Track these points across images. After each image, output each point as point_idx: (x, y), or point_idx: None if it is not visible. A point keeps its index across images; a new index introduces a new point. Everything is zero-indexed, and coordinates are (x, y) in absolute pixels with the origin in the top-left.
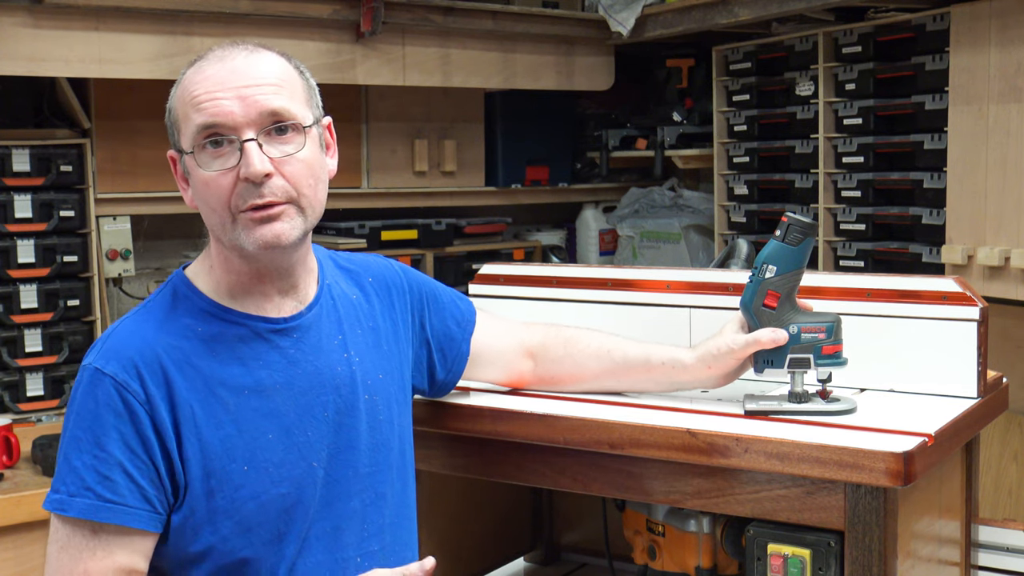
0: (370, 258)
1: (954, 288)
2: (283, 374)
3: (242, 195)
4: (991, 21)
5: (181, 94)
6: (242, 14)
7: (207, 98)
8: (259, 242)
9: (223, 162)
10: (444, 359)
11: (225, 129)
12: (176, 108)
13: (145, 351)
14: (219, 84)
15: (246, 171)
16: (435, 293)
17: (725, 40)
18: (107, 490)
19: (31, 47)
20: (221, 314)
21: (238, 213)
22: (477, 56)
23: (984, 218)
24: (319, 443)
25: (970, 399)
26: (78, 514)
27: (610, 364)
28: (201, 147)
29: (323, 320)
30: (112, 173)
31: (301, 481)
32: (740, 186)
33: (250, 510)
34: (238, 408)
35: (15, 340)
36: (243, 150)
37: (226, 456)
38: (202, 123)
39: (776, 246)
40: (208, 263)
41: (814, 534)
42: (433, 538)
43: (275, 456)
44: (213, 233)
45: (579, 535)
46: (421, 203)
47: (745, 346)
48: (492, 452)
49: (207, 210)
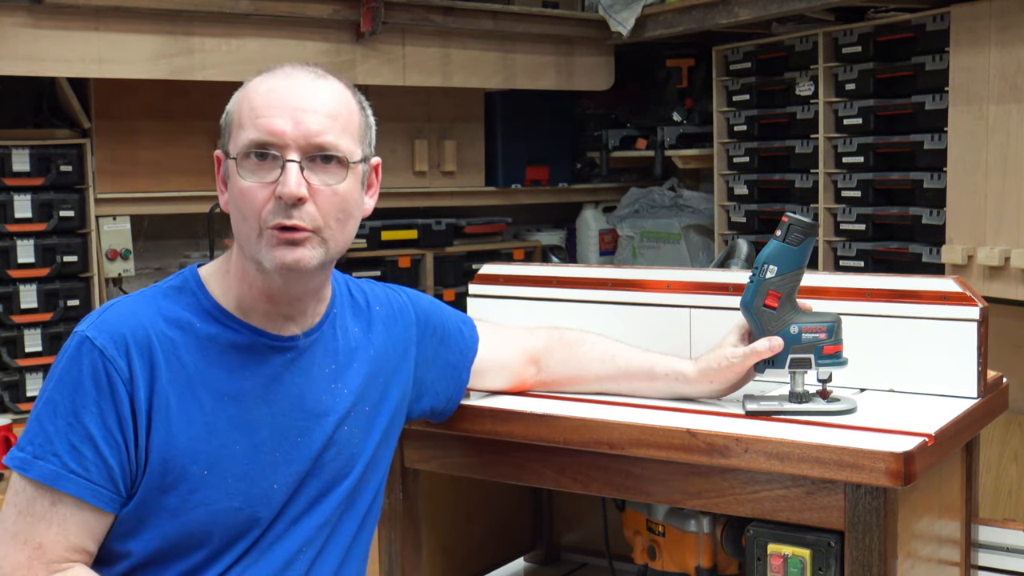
0: (379, 286)
1: (954, 288)
2: (265, 389)
3: (273, 211)
4: (991, 21)
5: (241, 100)
6: (242, 14)
7: (263, 113)
8: (278, 262)
9: (263, 176)
10: (446, 386)
11: (272, 145)
12: (233, 112)
13: (138, 331)
14: (279, 101)
15: (281, 189)
16: (442, 322)
17: (725, 40)
18: (73, 460)
19: (31, 47)
20: (222, 318)
21: (265, 228)
22: (477, 56)
23: (984, 218)
24: (286, 466)
25: (970, 399)
26: (38, 477)
27: (613, 370)
28: (245, 156)
29: (318, 348)
30: (112, 173)
31: (257, 500)
32: (740, 186)
33: (198, 516)
34: (214, 412)
35: (15, 340)
36: (284, 169)
37: (188, 456)
38: (254, 139)
39: (777, 246)
40: (226, 267)
41: (814, 534)
42: (433, 538)
43: (238, 468)
44: (239, 241)
45: (579, 535)
46: (421, 203)
47: (744, 359)
48: (492, 452)
49: (239, 218)
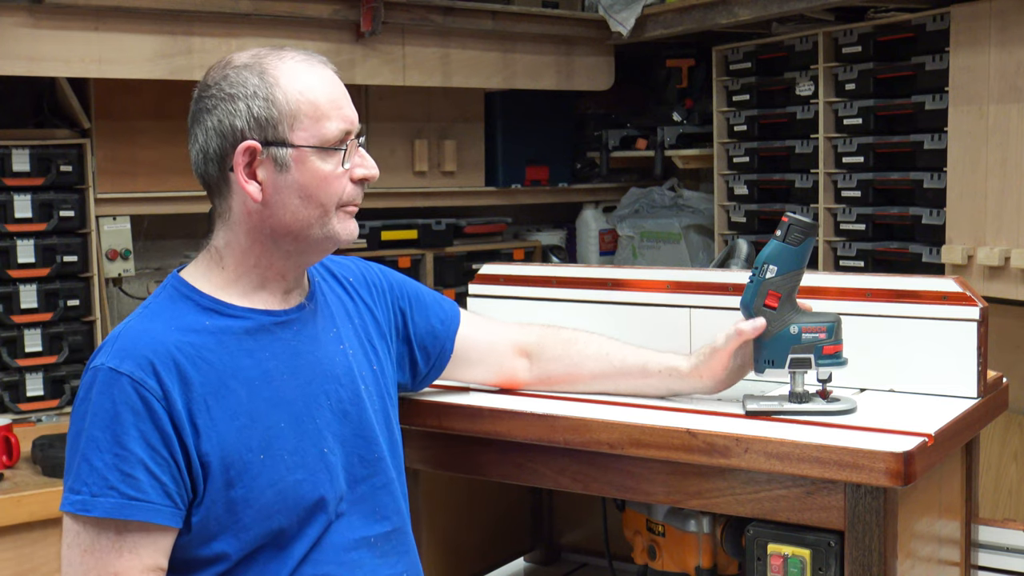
0: (347, 260)
1: (954, 288)
2: (288, 364)
3: (352, 194)
4: (991, 21)
5: (300, 89)
6: (242, 14)
7: (334, 105)
8: (353, 233)
9: (336, 162)
10: (427, 356)
11: (351, 133)
12: (292, 101)
13: (158, 348)
14: (335, 90)
15: (368, 172)
16: (417, 293)
17: (725, 40)
18: (131, 488)
19: (31, 47)
20: (224, 309)
21: (338, 208)
22: (477, 56)
23: (984, 218)
24: (327, 430)
25: (970, 399)
26: (104, 514)
27: (608, 367)
28: (325, 142)
29: (319, 314)
30: (112, 173)
31: (314, 467)
32: (740, 186)
33: (269, 498)
34: (250, 399)
35: (15, 340)
36: (360, 153)
37: (243, 446)
38: (342, 128)
39: (777, 246)
40: (219, 263)
41: (814, 534)
42: (433, 538)
43: (288, 444)
44: (291, 227)
45: (579, 535)
46: (421, 203)
47: (727, 341)
48: (492, 452)
49: (301, 204)
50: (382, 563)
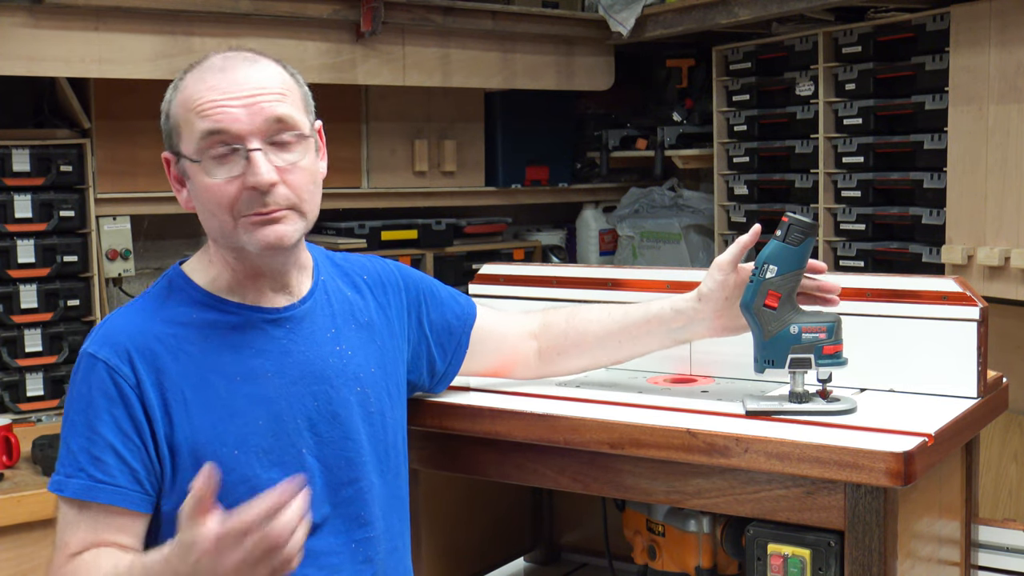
0: (364, 258)
1: (954, 288)
2: (275, 362)
3: (247, 203)
4: (991, 21)
5: (183, 100)
6: (242, 14)
7: (212, 105)
8: (261, 243)
9: (228, 170)
10: (444, 353)
11: (231, 137)
12: (177, 113)
13: (137, 337)
14: (224, 92)
15: (254, 180)
16: (433, 289)
17: (725, 40)
18: (98, 470)
19: (31, 47)
20: (216, 304)
21: (239, 218)
22: (477, 56)
23: (984, 218)
24: (308, 431)
25: (970, 399)
26: (72, 494)
27: (612, 324)
28: (204, 153)
29: (317, 313)
30: (112, 173)
31: (291, 467)
32: (740, 186)
33: (241, 494)
34: (230, 394)
35: (15, 340)
36: (249, 159)
37: (217, 440)
38: (207, 128)
39: (777, 246)
40: (207, 258)
41: (814, 534)
42: (433, 538)
43: (265, 442)
44: (212, 235)
45: (579, 535)
46: (421, 203)
47: (730, 254)
48: (492, 452)
49: (207, 214)
50: (363, 568)
